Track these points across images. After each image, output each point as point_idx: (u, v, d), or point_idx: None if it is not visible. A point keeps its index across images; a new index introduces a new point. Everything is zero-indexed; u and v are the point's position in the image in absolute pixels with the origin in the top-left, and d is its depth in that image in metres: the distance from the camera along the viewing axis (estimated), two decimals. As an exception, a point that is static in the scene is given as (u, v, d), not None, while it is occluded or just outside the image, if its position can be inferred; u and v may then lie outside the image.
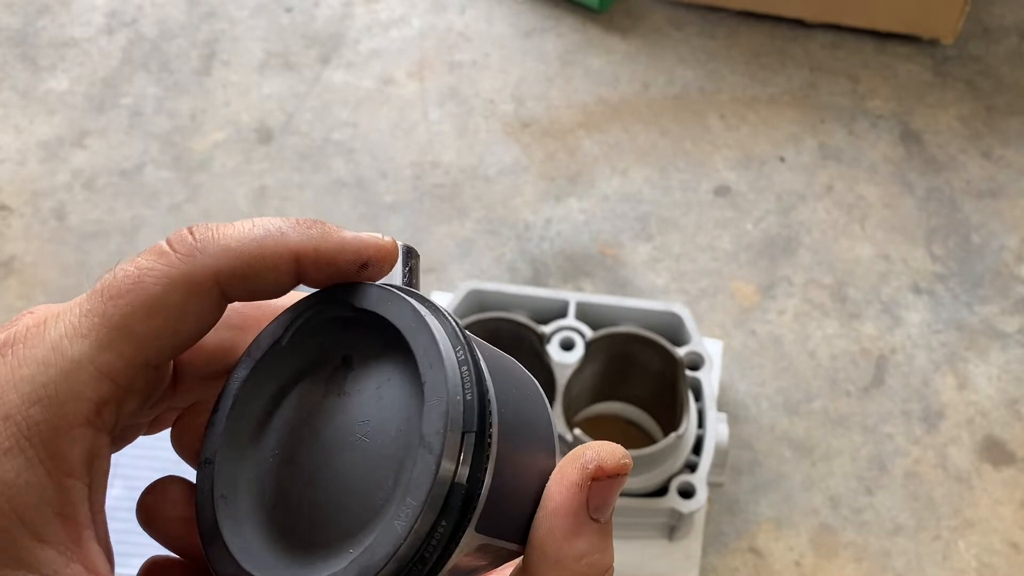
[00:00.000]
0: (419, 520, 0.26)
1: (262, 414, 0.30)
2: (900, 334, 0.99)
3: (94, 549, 0.26)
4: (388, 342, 0.29)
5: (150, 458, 0.35)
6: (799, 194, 1.10)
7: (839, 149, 1.14)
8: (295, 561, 0.28)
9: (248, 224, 0.28)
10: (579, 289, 1.02)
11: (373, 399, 0.29)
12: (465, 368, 0.28)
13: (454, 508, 0.26)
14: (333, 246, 0.29)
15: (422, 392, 0.27)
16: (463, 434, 0.26)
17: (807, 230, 1.07)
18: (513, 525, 0.28)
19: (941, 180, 1.11)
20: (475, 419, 0.27)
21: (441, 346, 0.28)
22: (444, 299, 0.98)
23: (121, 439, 0.30)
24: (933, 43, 1.22)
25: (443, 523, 0.26)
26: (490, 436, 0.27)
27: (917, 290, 1.02)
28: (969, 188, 1.10)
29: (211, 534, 0.28)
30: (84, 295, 0.27)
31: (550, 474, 0.28)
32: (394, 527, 0.26)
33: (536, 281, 1.03)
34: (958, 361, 0.97)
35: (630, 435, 0.91)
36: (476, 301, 0.89)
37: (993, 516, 0.88)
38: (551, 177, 1.12)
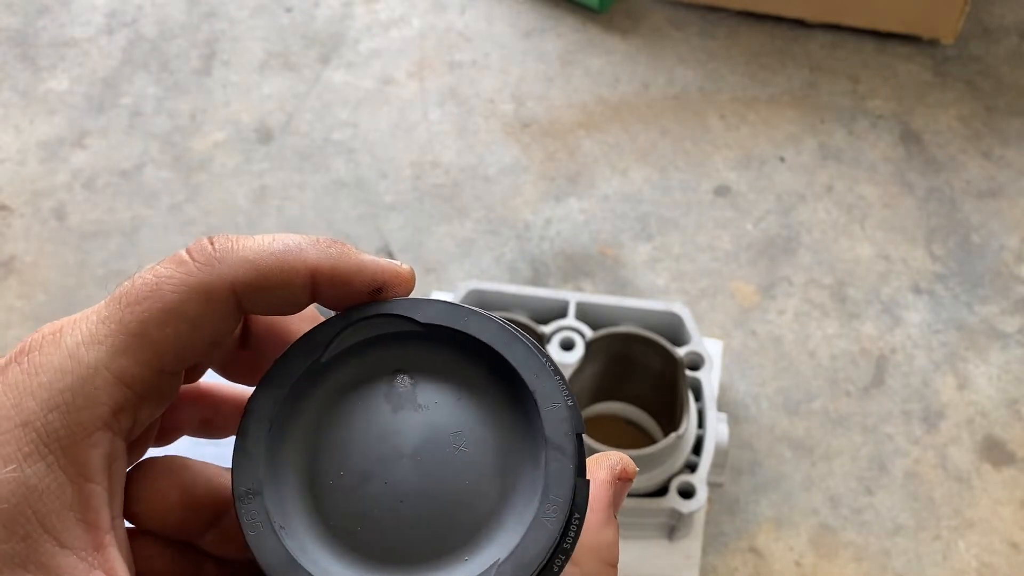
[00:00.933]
0: (566, 516, 0.28)
1: (307, 437, 0.29)
2: (900, 334, 0.99)
3: (114, 555, 0.26)
4: (453, 355, 0.30)
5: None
6: (799, 194, 1.10)
7: (839, 149, 1.14)
8: None
9: (268, 238, 0.28)
10: (579, 289, 1.02)
11: (457, 410, 0.29)
12: (558, 377, 0.29)
13: (581, 503, 0.29)
14: (351, 267, 0.29)
15: (518, 400, 0.29)
16: (577, 435, 0.29)
17: (807, 230, 1.07)
18: None
19: (941, 180, 1.11)
20: (580, 422, 0.29)
21: (540, 357, 0.29)
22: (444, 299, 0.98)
23: (134, 450, 0.30)
24: (933, 43, 1.22)
25: (576, 516, 0.28)
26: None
27: (917, 290, 1.02)
28: (969, 188, 1.10)
29: (287, 570, 0.27)
30: (101, 303, 0.27)
31: None
32: (544, 525, 0.27)
33: (536, 281, 1.03)
34: (958, 361, 0.97)
35: (630, 435, 0.91)
36: (476, 301, 0.89)
37: (993, 516, 0.88)
38: (551, 177, 1.12)
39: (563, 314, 0.87)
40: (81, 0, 1.31)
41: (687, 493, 0.79)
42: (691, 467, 0.81)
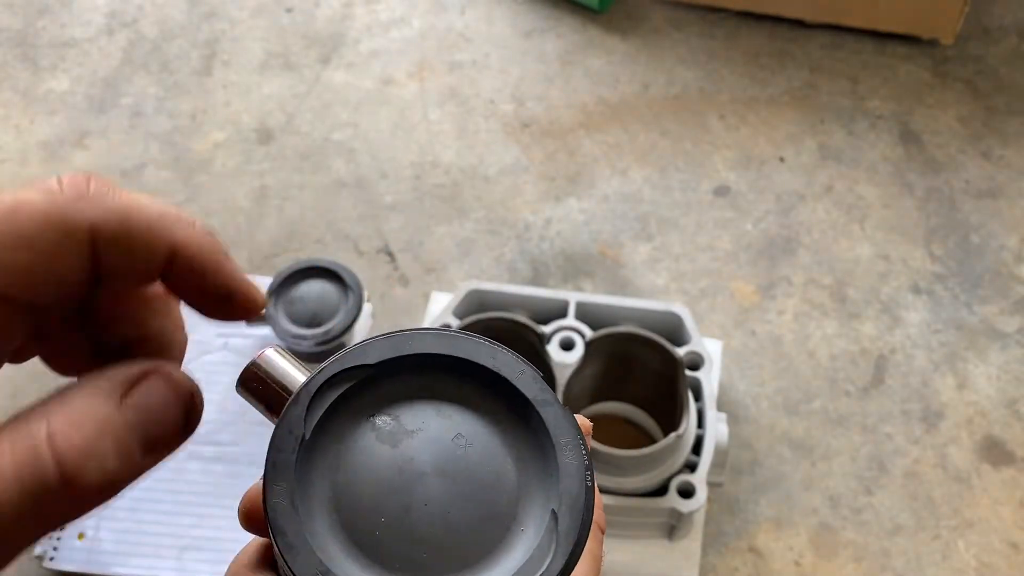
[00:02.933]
0: (581, 445, 0.31)
1: (332, 509, 0.31)
2: (899, 334, 0.99)
3: None
4: (413, 377, 0.33)
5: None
6: (799, 194, 1.10)
7: (839, 149, 1.14)
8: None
9: (147, 199, 0.28)
10: (579, 289, 1.03)
11: (444, 420, 0.32)
12: (507, 350, 0.33)
13: (576, 424, 0.32)
14: (213, 262, 0.29)
15: (487, 384, 0.32)
16: (543, 379, 0.32)
17: (807, 230, 1.07)
18: None
19: (940, 180, 1.11)
20: (537, 369, 0.33)
21: (485, 343, 0.33)
22: (444, 299, 0.98)
23: None
24: (932, 43, 1.23)
25: (579, 437, 0.32)
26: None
27: (916, 290, 1.02)
28: (968, 188, 1.10)
29: None
30: None
31: None
32: (570, 463, 0.31)
33: (536, 281, 1.03)
34: (957, 361, 0.97)
35: (630, 435, 0.91)
36: (476, 301, 0.89)
37: (992, 516, 0.88)
38: (551, 177, 1.12)
39: (563, 314, 0.87)
40: (81, 1, 1.31)
41: (687, 493, 0.79)
42: (691, 467, 0.81)
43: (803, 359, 0.98)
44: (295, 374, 0.33)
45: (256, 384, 0.33)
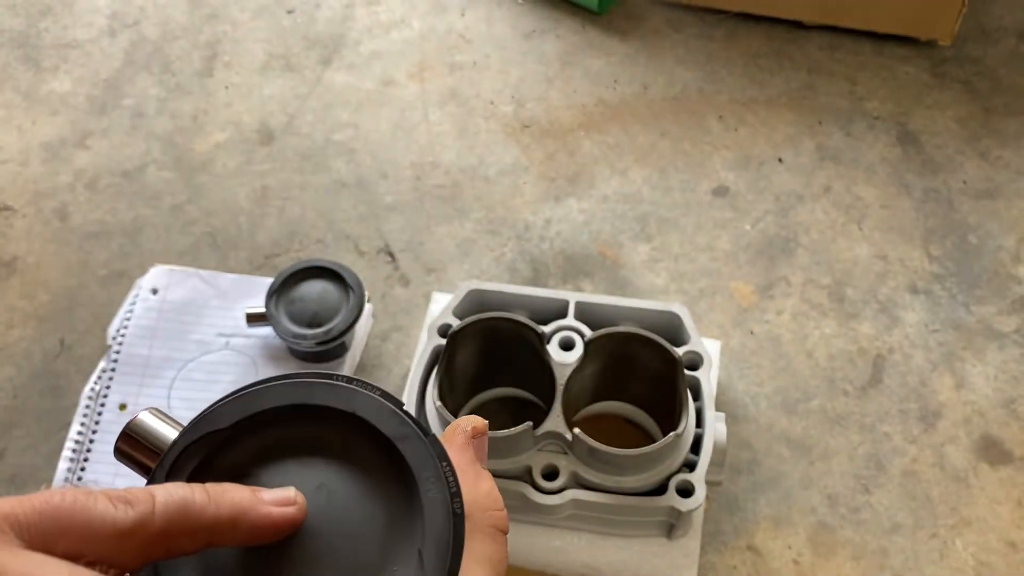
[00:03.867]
0: (441, 474, 0.31)
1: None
2: (898, 334, 1.00)
3: None
4: (270, 433, 0.32)
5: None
6: (797, 195, 1.10)
7: (837, 150, 1.14)
8: None
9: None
10: (579, 289, 1.03)
11: (305, 472, 0.32)
12: (362, 386, 0.32)
13: (442, 452, 0.32)
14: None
15: (348, 427, 0.32)
16: (404, 413, 0.32)
17: (805, 230, 1.07)
18: None
19: (939, 181, 1.11)
20: (398, 400, 0.32)
21: (340, 384, 0.32)
22: (444, 299, 0.99)
23: None
24: (931, 44, 1.23)
25: (445, 464, 0.32)
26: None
27: (915, 290, 1.03)
28: (966, 189, 1.10)
29: None
30: None
31: None
32: (433, 498, 0.31)
33: (536, 281, 1.04)
34: (955, 361, 0.98)
35: (629, 434, 0.92)
36: (476, 301, 0.89)
37: (990, 515, 0.89)
38: (551, 177, 1.12)
39: (563, 314, 0.88)
40: (83, 2, 1.31)
41: (686, 492, 0.80)
42: (690, 466, 0.81)
43: (801, 359, 0.98)
44: (170, 435, 0.32)
45: (131, 451, 0.33)
